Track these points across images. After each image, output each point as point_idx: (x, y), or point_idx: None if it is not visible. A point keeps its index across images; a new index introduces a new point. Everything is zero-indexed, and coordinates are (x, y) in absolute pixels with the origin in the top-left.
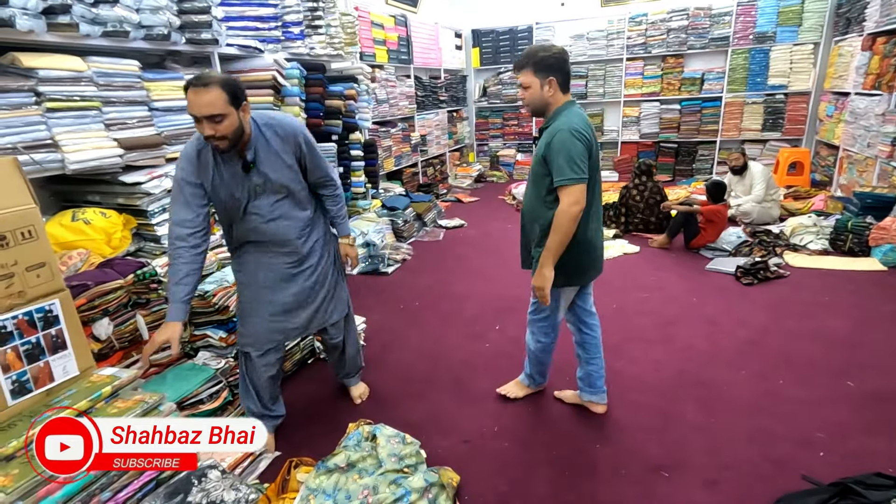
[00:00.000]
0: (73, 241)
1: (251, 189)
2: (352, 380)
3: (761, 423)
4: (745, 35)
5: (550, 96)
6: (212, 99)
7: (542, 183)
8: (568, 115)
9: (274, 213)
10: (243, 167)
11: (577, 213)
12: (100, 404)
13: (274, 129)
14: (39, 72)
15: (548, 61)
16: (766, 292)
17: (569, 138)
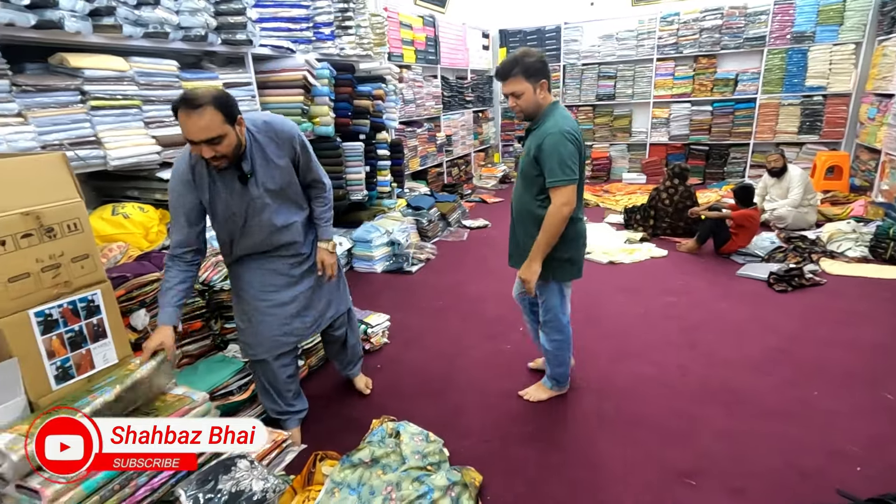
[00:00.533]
0: (113, 235)
1: (250, 203)
2: (355, 370)
3: (791, 433)
4: (783, 35)
5: (542, 98)
6: (207, 122)
7: (533, 183)
8: (556, 116)
9: (277, 223)
10: (240, 179)
11: (567, 213)
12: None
13: (267, 134)
14: (85, 71)
15: (536, 66)
16: (801, 300)
17: (561, 140)
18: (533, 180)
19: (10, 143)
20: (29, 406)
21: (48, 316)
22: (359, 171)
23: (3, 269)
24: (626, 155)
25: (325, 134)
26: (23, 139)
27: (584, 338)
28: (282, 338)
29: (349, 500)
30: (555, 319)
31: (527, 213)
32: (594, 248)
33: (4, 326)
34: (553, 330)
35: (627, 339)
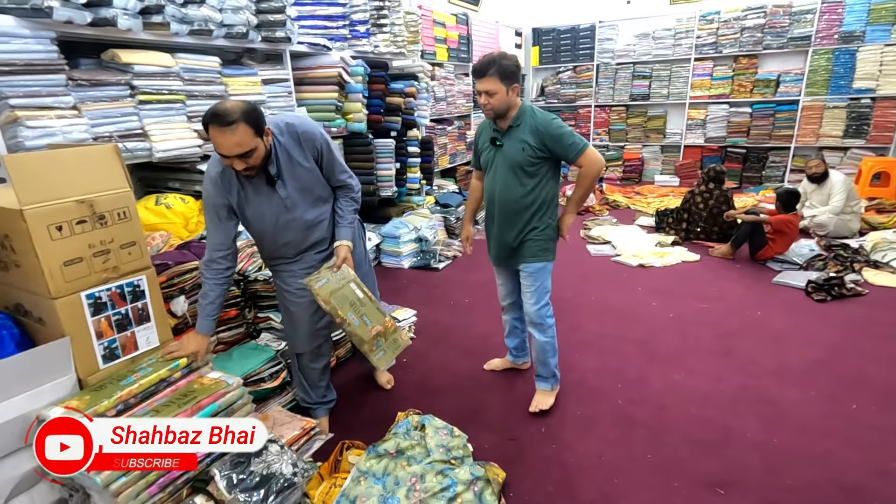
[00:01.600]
0: (156, 224)
1: (280, 204)
2: None
3: (830, 447)
4: (830, 34)
5: (512, 100)
6: (239, 138)
7: (528, 174)
8: (535, 111)
9: (309, 218)
10: (268, 181)
11: (602, 165)
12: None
13: (291, 136)
14: (135, 67)
15: (510, 69)
16: (841, 310)
17: (560, 123)
18: (530, 171)
19: (66, 134)
20: (78, 383)
21: (98, 299)
22: (389, 167)
23: (60, 253)
24: (659, 156)
25: (358, 130)
26: (76, 131)
27: (613, 340)
28: (315, 332)
29: (374, 489)
30: (548, 304)
31: (514, 202)
32: (623, 250)
33: (59, 307)
34: (547, 315)
35: (659, 343)
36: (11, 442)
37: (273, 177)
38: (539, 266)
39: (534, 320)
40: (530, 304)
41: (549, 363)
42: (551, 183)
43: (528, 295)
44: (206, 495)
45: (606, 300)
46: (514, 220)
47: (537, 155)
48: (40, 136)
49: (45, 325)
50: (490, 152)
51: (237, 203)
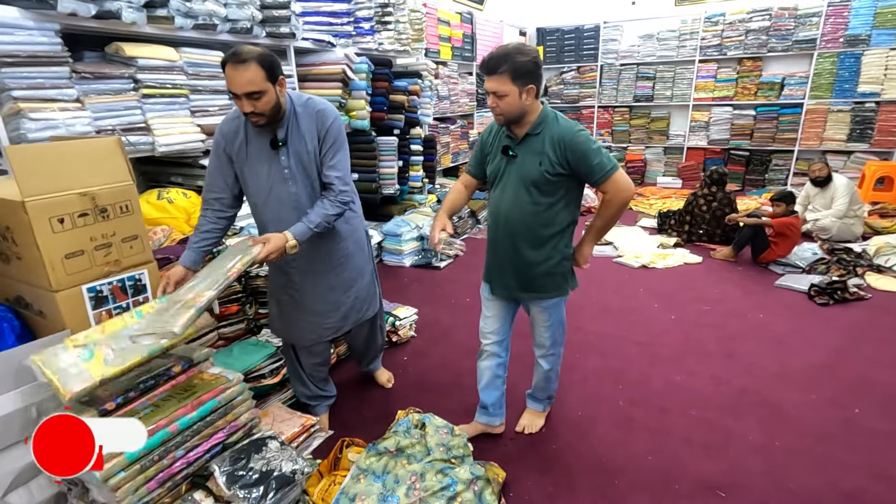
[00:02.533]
0: (158, 219)
1: (278, 172)
2: (376, 364)
3: (832, 452)
4: (835, 37)
5: (528, 105)
6: (251, 76)
7: (545, 192)
8: (558, 118)
9: (301, 201)
10: (272, 143)
11: (632, 193)
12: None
13: (306, 109)
14: (139, 60)
15: (527, 67)
16: (843, 314)
17: (587, 136)
18: (546, 190)
19: (69, 127)
20: None
21: (99, 292)
22: (392, 165)
23: (61, 246)
24: (661, 158)
25: (361, 128)
26: (79, 124)
27: (614, 341)
28: (301, 332)
29: (374, 487)
30: (563, 333)
31: (533, 228)
32: (625, 252)
33: (60, 300)
34: (560, 344)
35: (660, 345)
36: (11, 435)
37: (278, 140)
38: (554, 302)
39: (548, 352)
40: (545, 338)
41: (549, 388)
42: (572, 206)
43: (543, 330)
44: (205, 491)
45: (608, 301)
46: (526, 247)
47: (556, 171)
48: (43, 129)
49: (46, 318)
50: (500, 163)
51: (237, 155)
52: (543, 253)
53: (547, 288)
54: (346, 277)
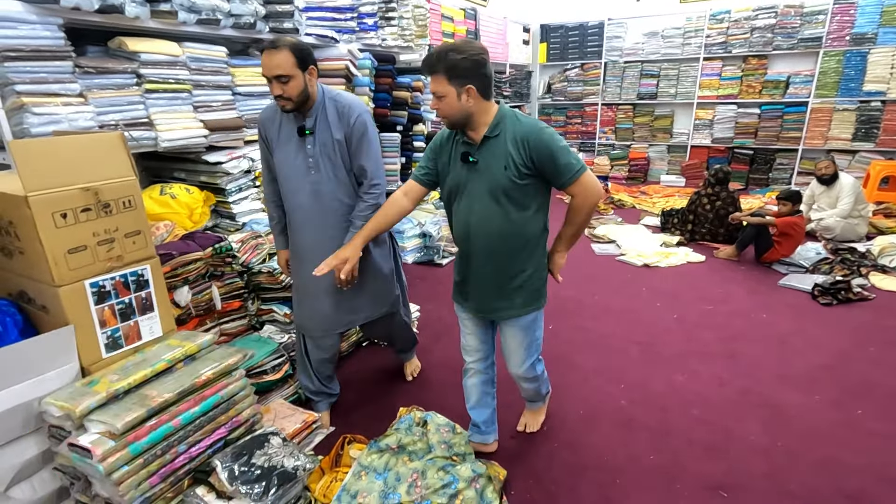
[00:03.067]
0: (160, 214)
1: (304, 160)
2: (407, 354)
3: (834, 453)
4: (841, 36)
5: (469, 107)
6: (280, 61)
7: (515, 198)
8: (518, 116)
9: (323, 191)
10: (299, 131)
11: (600, 196)
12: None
13: (335, 103)
14: (142, 55)
15: (462, 66)
16: (847, 315)
17: (553, 134)
18: (515, 197)
19: (72, 121)
20: (81, 372)
21: (101, 287)
22: (395, 162)
23: (64, 241)
24: (665, 156)
25: None
26: (82, 118)
27: (616, 340)
28: (311, 322)
29: (375, 484)
30: (539, 354)
31: (506, 241)
32: (628, 250)
33: (63, 295)
34: (540, 361)
35: (662, 345)
36: (14, 429)
37: (305, 128)
38: (532, 317)
39: (525, 376)
40: (518, 362)
41: (540, 394)
42: (542, 212)
43: (517, 353)
44: (207, 486)
45: (610, 300)
46: (500, 262)
47: (522, 174)
48: (46, 123)
49: (49, 313)
50: (461, 172)
51: (271, 142)
52: (518, 265)
53: (525, 302)
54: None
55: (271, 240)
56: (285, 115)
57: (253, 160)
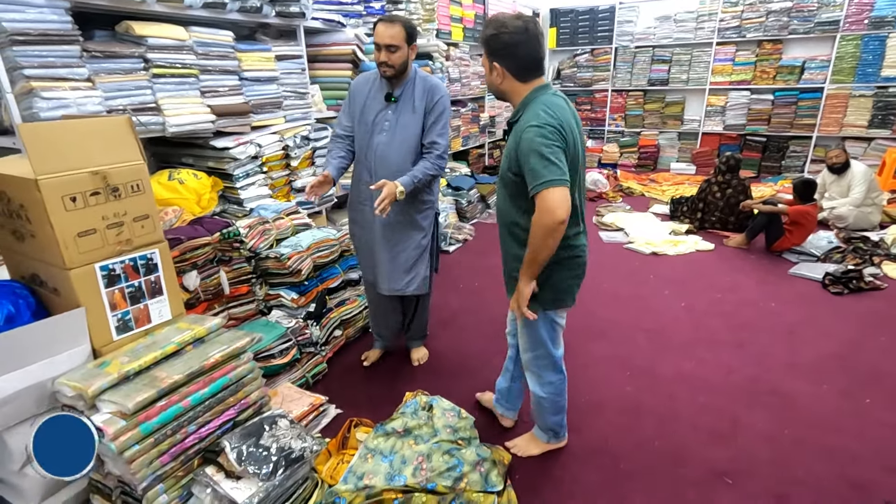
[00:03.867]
0: (169, 199)
1: (383, 121)
2: (414, 342)
3: (842, 443)
4: (860, 19)
5: (500, 84)
6: (394, 33)
7: (511, 188)
8: (534, 106)
9: (390, 154)
10: (386, 97)
11: (555, 223)
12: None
13: (423, 82)
14: (149, 39)
15: (494, 43)
16: (858, 304)
17: (535, 135)
18: (511, 184)
19: (80, 106)
20: (93, 353)
21: (111, 271)
22: None
23: (74, 224)
24: (675, 144)
25: None
26: (90, 103)
27: (624, 328)
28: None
29: (381, 466)
30: (546, 356)
31: (507, 226)
32: (637, 238)
33: (73, 278)
34: (545, 369)
35: (670, 333)
36: (28, 408)
37: (392, 96)
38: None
39: (527, 367)
40: (522, 347)
41: (543, 416)
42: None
43: (521, 336)
44: (216, 466)
45: (618, 287)
46: (503, 245)
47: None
48: (55, 108)
49: (60, 296)
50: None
51: (360, 102)
52: (511, 254)
53: (512, 289)
54: (400, 239)
55: (278, 225)
56: (376, 83)
57: (260, 146)
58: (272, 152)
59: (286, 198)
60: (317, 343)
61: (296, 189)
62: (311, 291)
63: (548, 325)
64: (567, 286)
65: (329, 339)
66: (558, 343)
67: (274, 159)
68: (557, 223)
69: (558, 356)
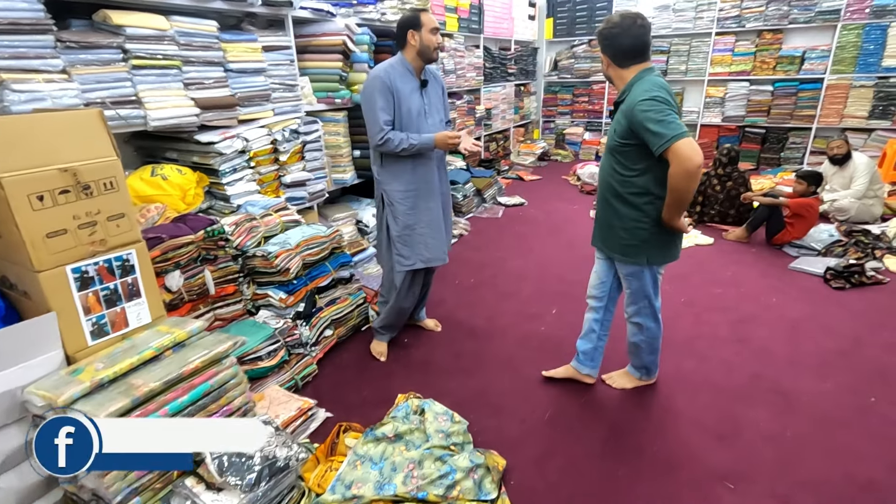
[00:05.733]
0: (152, 196)
1: (421, 106)
2: (422, 313)
3: (846, 442)
4: (861, 8)
5: (608, 72)
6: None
7: (617, 153)
8: (641, 84)
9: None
10: (423, 84)
11: (694, 167)
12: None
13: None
14: (127, 29)
15: (599, 37)
16: (860, 299)
17: (649, 104)
18: (618, 150)
19: (55, 99)
20: (66, 359)
21: (84, 273)
22: None
23: (42, 224)
24: None
25: None
26: (66, 96)
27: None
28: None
29: (371, 474)
30: (648, 307)
31: (607, 185)
32: None
33: (43, 280)
34: (647, 317)
35: (670, 329)
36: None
37: (423, 80)
38: (633, 269)
39: (630, 318)
40: (627, 303)
41: (641, 356)
42: (651, 173)
43: (627, 295)
44: (196, 477)
45: None
46: (602, 203)
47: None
48: (28, 101)
49: (31, 299)
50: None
51: (393, 86)
52: (615, 208)
53: (623, 251)
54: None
55: (266, 222)
56: (400, 73)
57: (248, 140)
58: (260, 146)
59: (275, 193)
60: (306, 343)
61: (285, 184)
62: (300, 290)
63: (652, 277)
64: (671, 242)
65: (319, 339)
66: (658, 295)
67: (262, 153)
68: (696, 167)
69: (658, 306)
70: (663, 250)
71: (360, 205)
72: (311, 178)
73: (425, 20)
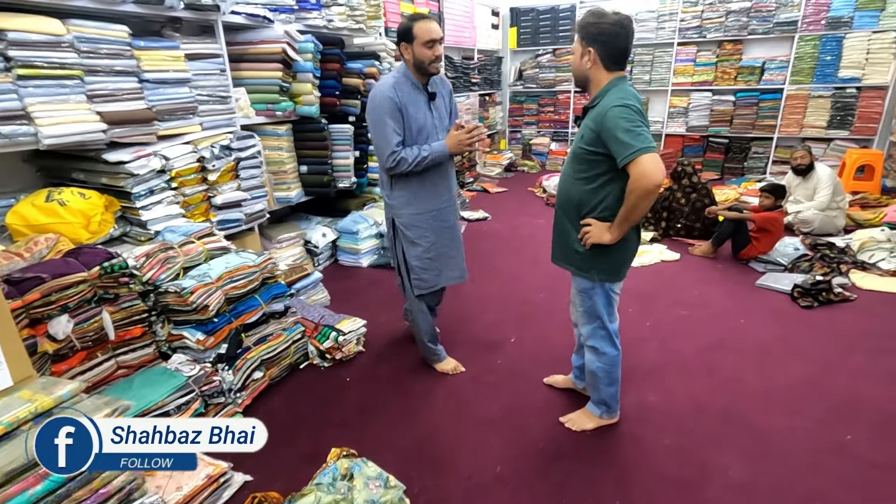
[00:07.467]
0: (46, 224)
1: (432, 119)
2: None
3: (822, 487)
4: (817, 20)
5: (587, 69)
6: (438, 27)
7: (581, 164)
8: (615, 92)
9: None
10: (430, 96)
11: (653, 185)
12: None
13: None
14: (9, 34)
15: (592, 30)
16: (829, 318)
17: (621, 111)
18: (582, 157)
19: None
20: None
21: None
22: (347, 155)
23: None
24: None
25: (309, 114)
26: None
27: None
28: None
29: None
30: (602, 328)
31: (566, 194)
32: None
33: None
34: (602, 341)
35: (635, 356)
36: None
37: (435, 94)
38: (584, 286)
39: (586, 342)
40: (581, 324)
41: (599, 389)
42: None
43: (579, 313)
44: None
45: None
46: (561, 215)
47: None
48: None
49: None
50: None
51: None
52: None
53: (577, 264)
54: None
55: (186, 251)
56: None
57: (167, 158)
58: (184, 165)
59: (205, 216)
60: (230, 390)
61: (216, 206)
62: (222, 329)
63: (605, 296)
64: (624, 259)
65: (247, 384)
66: (614, 317)
67: (187, 173)
68: (654, 186)
69: (613, 329)
70: (614, 266)
71: (309, 223)
72: (247, 197)
73: (418, 32)
